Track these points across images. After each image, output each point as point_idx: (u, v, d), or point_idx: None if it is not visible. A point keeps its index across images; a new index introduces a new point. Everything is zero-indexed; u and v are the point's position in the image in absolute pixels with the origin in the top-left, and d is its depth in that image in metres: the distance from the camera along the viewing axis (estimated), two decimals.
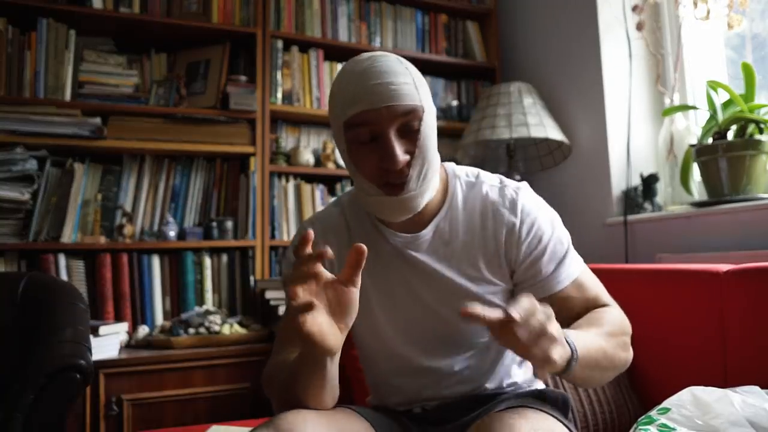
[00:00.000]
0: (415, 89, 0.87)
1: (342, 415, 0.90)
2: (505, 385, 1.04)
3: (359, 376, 1.52)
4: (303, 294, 0.74)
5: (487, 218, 0.97)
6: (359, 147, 0.88)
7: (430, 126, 0.90)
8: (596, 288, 1.00)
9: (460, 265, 0.96)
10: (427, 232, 0.97)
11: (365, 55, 0.91)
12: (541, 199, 1.01)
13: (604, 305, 0.99)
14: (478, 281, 0.96)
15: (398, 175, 0.87)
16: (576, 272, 0.97)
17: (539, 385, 1.09)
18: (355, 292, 0.78)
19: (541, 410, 0.92)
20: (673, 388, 1.35)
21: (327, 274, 0.77)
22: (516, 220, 0.95)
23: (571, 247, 0.99)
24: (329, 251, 0.74)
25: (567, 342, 0.78)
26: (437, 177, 0.93)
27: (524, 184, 1.01)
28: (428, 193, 0.91)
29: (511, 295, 0.99)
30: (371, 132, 0.87)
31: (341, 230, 1.02)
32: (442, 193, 0.98)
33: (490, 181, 1.00)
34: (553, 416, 0.92)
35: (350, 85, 0.87)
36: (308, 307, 0.72)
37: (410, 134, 0.88)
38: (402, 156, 0.86)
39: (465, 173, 1.02)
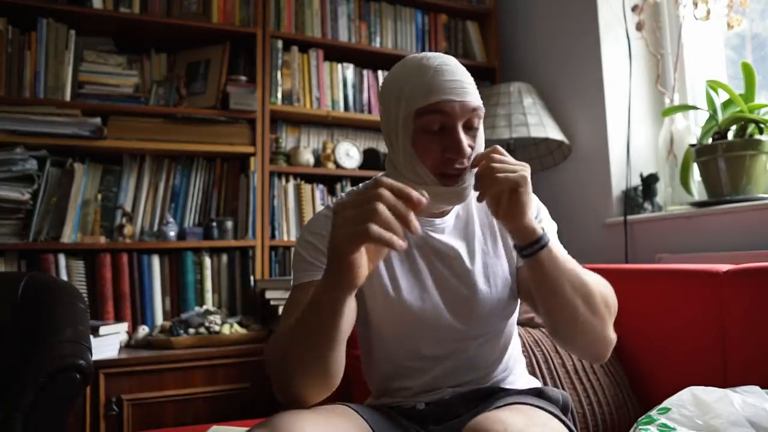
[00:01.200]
0: (476, 90, 0.96)
1: (340, 414, 0.90)
2: (508, 377, 1.06)
3: (359, 377, 1.52)
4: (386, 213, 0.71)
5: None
6: (427, 135, 0.93)
7: (482, 128, 0.98)
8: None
9: (479, 244, 1.04)
10: (450, 217, 1.04)
11: (430, 54, 0.97)
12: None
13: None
14: (496, 258, 1.04)
15: (459, 166, 0.93)
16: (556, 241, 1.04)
17: (538, 383, 1.10)
18: None
19: (537, 407, 0.92)
20: (673, 388, 1.35)
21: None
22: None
23: (550, 227, 1.07)
24: (424, 201, 0.73)
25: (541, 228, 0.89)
26: None
27: None
28: (473, 185, 0.96)
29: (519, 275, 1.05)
30: (442, 122, 0.92)
31: None
32: None
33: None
34: (549, 412, 0.92)
35: (425, 77, 0.92)
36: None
37: (472, 131, 0.95)
38: (467, 148, 0.92)
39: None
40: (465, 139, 0.92)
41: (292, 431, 0.78)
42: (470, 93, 0.93)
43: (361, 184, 1.05)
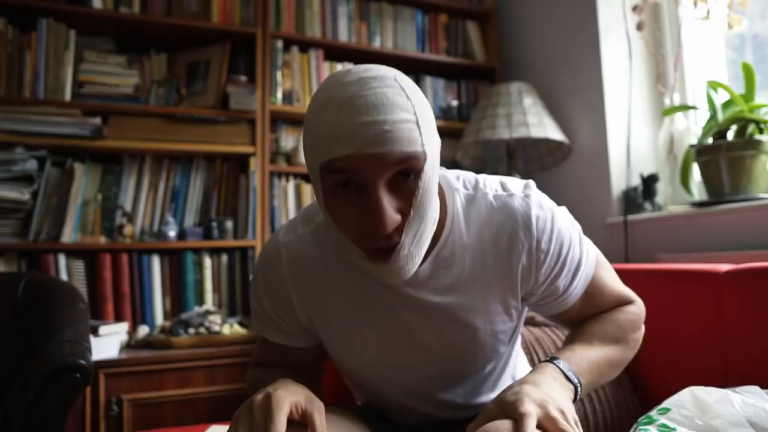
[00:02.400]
0: (417, 127, 0.68)
1: (341, 415, 0.89)
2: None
3: None
4: None
5: (499, 240, 0.82)
6: (336, 199, 0.70)
7: (430, 175, 0.70)
8: (612, 280, 0.93)
9: (468, 297, 0.83)
10: (427, 266, 0.81)
11: (354, 71, 0.70)
12: (547, 198, 0.87)
13: (624, 297, 0.94)
14: (487, 312, 0.85)
15: (386, 240, 0.69)
16: (591, 269, 0.88)
17: None
18: None
19: None
20: (673, 388, 1.35)
21: None
22: (533, 240, 0.81)
23: (582, 237, 0.88)
24: None
25: (569, 379, 0.78)
26: (436, 216, 0.75)
27: (531, 185, 0.86)
28: (424, 250, 0.74)
29: (520, 312, 0.91)
30: (355, 181, 0.68)
31: (316, 261, 0.85)
32: (441, 213, 0.81)
33: (493, 191, 0.84)
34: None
35: (330, 116, 0.67)
36: None
37: (405, 188, 0.69)
38: (393, 218, 0.68)
39: (463, 184, 0.85)
40: (389, 205, 0.67)
41: None
42: (397, 137, 0.66)
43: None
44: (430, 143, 0.70)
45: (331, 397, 0.99)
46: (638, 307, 0.95)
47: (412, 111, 0.68)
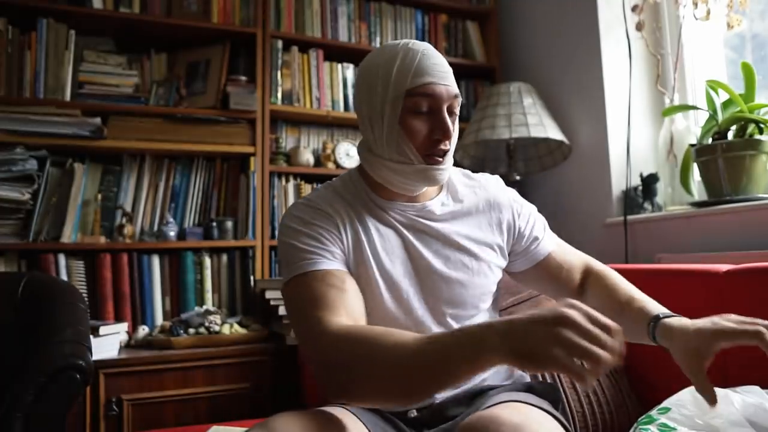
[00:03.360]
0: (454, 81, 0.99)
1: (337, 416, 0.89)
2: (505, 375, 1.07)
3: None
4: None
5: (490, 200, 1.10)
6: (415, 116, 0.95)
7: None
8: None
9: (466, 228, 1.05)
10: (436, 202, 1.05)
11: (408, 40, 1.00)
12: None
13: (587, 261, 1.17)
14: (481, 244, 1.06)
15: (443, 147, 0.96)
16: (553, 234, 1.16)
17: (526, 378, 1.12)
18: None
19: (531, 404, 0.92)
20: (673, 389, 1.35)
21: None
22: (511, 199, 1.12)
23: (542, 222, 1.17)
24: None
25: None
26: None
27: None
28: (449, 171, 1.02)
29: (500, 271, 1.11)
30: (429, 104, 0.95)
31: (341, 204, 1.02)
32: None
33: (477, 175, 1.15)
34: (543, 410, 0.92)
35: (413, 60, 0.95)
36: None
37: (452, 116, 0.97)
38: (451, 131, 0.96)
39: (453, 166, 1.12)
40: (449, 123, 0.95)
41: None
42: (452, 79, 0.97)
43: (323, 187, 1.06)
44: None
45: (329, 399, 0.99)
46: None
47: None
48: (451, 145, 0.98)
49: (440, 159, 0.97)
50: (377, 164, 1.00)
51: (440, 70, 0.95)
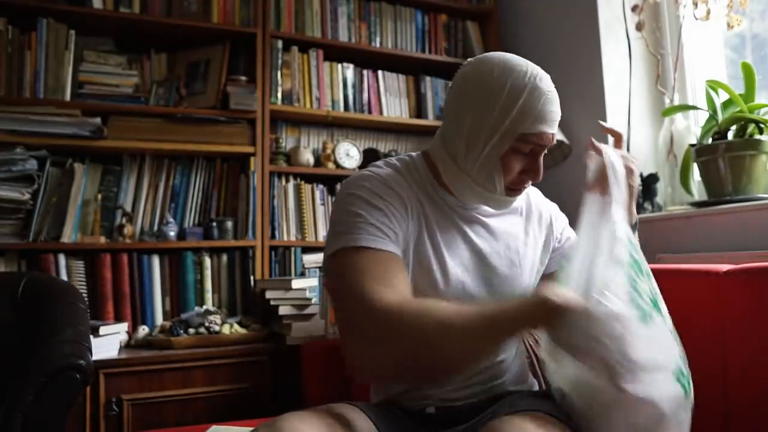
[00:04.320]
0: None
1: (346, 415, 0.89)
2: (519, 380, 1.08)
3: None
4: None
5: (539, 206, 1.17)
6: (517, 155, 0.98)
7: None
8: None
9: (517, 228, 1.10)
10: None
11: (538, 71, 1.00)
12: None
13: None
14: (528, 245, 1.11)
15: (527, 185, 1.03)
16: None
17: (535, 386, 1.12)
18: None
19: (551, 415, 0.92)
20: None
21: None
22: (552, 207, 1.21)
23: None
24: None
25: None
26: None
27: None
28: None
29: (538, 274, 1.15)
30: (534, 149, 0.99)
31: (409, 189, 1.02)
32: None
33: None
34: (560, 419, 0.92)
35: (536, 102, 0.96)
36: None
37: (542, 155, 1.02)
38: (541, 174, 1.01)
39: None
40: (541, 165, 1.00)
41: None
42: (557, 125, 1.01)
43: (383, 163, 1.06)
44: None
45: (332, 397, 0.99)
46: None
47: None
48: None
49: (520, 192, 1.03)
50: (457, 175, 1.01)
51: (555, 119, 0.99)
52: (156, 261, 2.10)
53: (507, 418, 0.84)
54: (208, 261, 2.16)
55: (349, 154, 2.41)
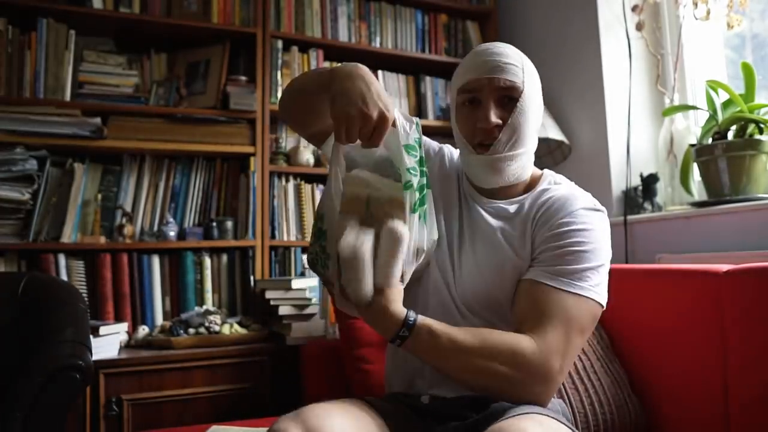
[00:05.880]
0: (521, 72, 1.03)
1: (361, 409, 0.93)
2: None
3: (359, 377, 1.52)
4: None
5: (544, 206, 1.05)
6: (464, 109, 1.05)
7: (529, 108, 1.03)
8: (554, 316, 0.94)
9: (513, 238, 1.04)
10: (511, 206, 1.07)
11: (500, 43, 1.09)
12: (600, 223, 1.04)
13: (527, 324, 0.96)
14: (517, 247, 1.04)
15: (488, 135, 1.01)
16: (576, 286, 0.96)
17: None
18: None
19: (548, 416, 0.92)
20: (673, 388, 1.35)
21: None
22: (558, 215, 1.02)
23: (598, 271, 0.98)
24: None
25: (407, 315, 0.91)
26: (529, 158, 1.07)
27: (601, 209, 1.06)
28: (515, 163, 1.03)
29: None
30: (474, 98, 1.03)
31: (450, 166, 1.17)
32: (529, 185, 1.11)
33: (573, 191, 1.07)
34: (560, 421, 0.92)
35: (468, 60, 1.06)
36: None
37: (507, 105, 1.02)
38: (494, 119, 1.01)
39: (559, 181, 1.12)
40: (494, 112, 1.01)
41: (321, 424, 0.81)
42: (505, 70, 1.02)
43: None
44: (530, 87, 1.04)
45: (332, 397, 0.99)
46: (537, 358, 0.92)
47: (521, 63, 1.05)
48: (505, 133, 1.01)
49: (487, 147, 1.02)
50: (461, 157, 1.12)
51: (488, 66, 1.02)
52: (156, 261, 2.10)
53: (509, 421, 0.85)
54: (208, 261, 2.16)
55: None
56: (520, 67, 1.04)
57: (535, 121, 1.07)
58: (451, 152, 1.20)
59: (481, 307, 1.03)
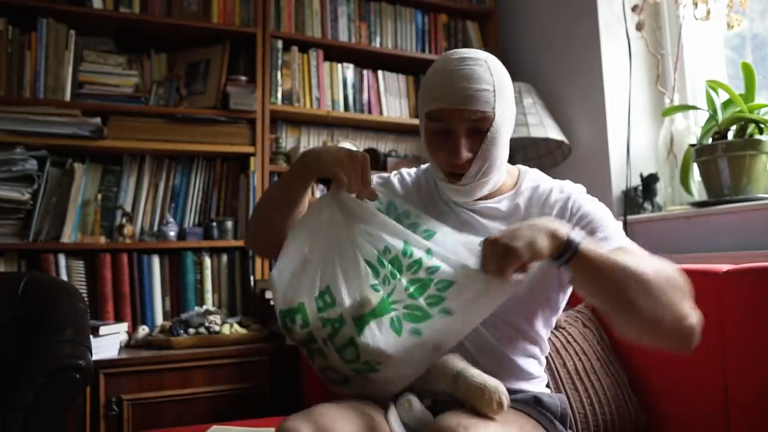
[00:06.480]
0: (493, 96, 0.98)
1: (370, 409, 0.93)
2: (517, 378, 1.05)
3: None
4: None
5: (544, 203, 1.09)
6: (434, 137, 1.02)
7: (499, 132, 1.01)
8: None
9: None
10: (501, 204, 1.09)
11: (460, 53, 1.02)
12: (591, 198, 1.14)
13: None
14: None
15: (460, 168, 1.01)
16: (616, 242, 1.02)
17: (537, 389, 1.08)
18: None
19: (523, 412, 0.92)
20: (673, 388, 1.36)
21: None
22: (564, 197, 1.09)
23: (613, 227, 1.08)
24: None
25: (569, 236, 0.88)
26: (500, 174, 1.07)
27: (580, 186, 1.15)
28: (487, 186, 1.05)
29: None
30: (445, 127, 1.00)
31: (416, 182, 1.18)
32: (511, 185, 1.12)
33: (554, 182, 1.13)
34: (540, 423, 0.92)
35: (437, 81, 1.00)
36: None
37: (478, 136, 1.00)
38: (465, 154, 0.99)
39: (539, 176, 1.15)
40: (465, 145, 0.98)
41: (332, 423, 0.83)
42: (477, 100, 0.97)
43: (413, 169, 1.22)
44: (501, 109, 1.00)
45: (332, 397, 0.99)
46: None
47: (491, 83, 0.99)
48: (476, 165, 1.00)
49: (459, 177, 1.01)
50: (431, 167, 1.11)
51: (458, 95, 0.96)
52: (156, 261, 2.10)
53: (456, 412, 0.86)
54: (208, 261, 2.16)
55: None
56: (491, 90, 0.99)
57: (507, 137, 1.05)
58: (406, 173, 1.21)
59: (499, 309, 0.98)
